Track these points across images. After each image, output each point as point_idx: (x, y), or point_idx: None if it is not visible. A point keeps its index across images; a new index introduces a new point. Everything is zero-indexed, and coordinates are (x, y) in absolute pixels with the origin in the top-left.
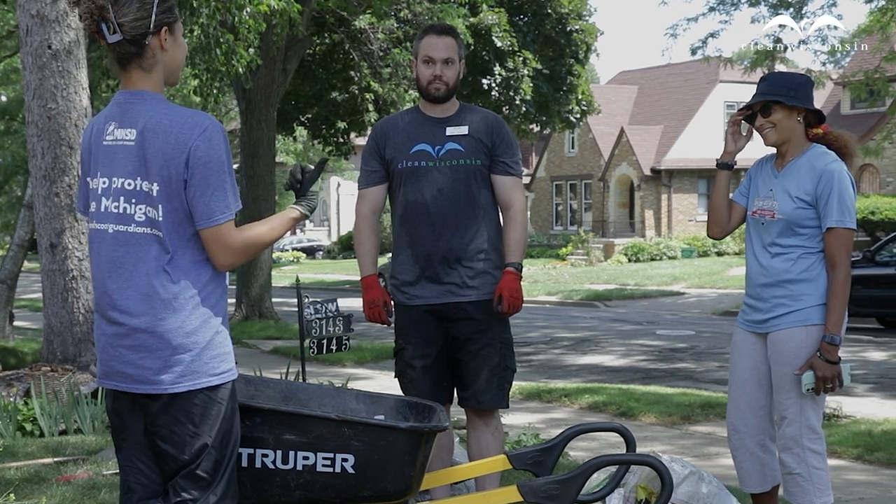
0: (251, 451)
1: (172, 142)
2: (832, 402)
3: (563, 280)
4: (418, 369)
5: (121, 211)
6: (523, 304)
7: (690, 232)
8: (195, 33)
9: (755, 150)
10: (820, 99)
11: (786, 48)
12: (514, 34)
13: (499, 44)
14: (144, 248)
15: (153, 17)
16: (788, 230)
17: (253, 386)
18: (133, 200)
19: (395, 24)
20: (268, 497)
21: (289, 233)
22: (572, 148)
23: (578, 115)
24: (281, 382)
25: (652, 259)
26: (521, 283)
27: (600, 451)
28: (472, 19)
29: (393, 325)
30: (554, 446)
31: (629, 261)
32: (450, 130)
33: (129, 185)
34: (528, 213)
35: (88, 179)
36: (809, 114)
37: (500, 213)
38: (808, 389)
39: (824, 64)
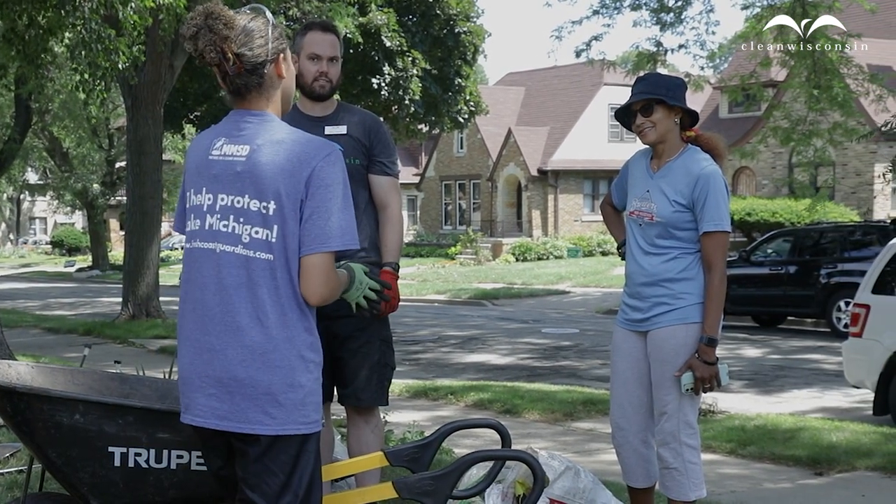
0: (124, 450)
1: (295, 160)
2: (708, 398)
3: (451, 279)
4: None
5: (228, 230)
6: (413, 302)
7: (576, 232)
8: (77, 28)
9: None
10: (699, 102)
11: (666, 52)
12: (403, 34)
13: (388, 44)
14: (253, 272)
15: (270, 44)
16: (666, 232)
17: (128, 385)
18: (241, 220)
19: (284, 22)
20: (141, 497)
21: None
22: (461, 148)
23: (467, 116)
24: (157, 381)
25: (539, 258)
26: (399, 282)
27: (484, 447)
28: (361, 19)
29: None
30: (430, 443)
31: (517, 260)
32: (328, 129)
33: (238, 202)
34: (418, 212)
35: (189, 194)
36: (685, 115)
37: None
38: (687, 390)
39: (702, 68)
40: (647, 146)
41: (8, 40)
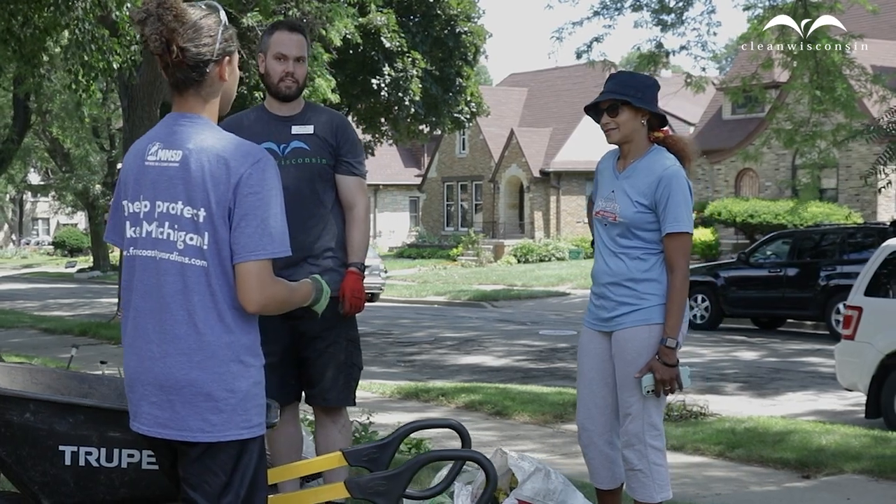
0: (74, 448)
1: (223, 167)
2: (700, 399)
3: (452, 280)
4: (265, 367)
5: (164, 237)
6: (412, 304)
7: (578, 233)
8: (71, 27)
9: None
10: (702, 104)
11: (668, 53)
12: (403, 35)
13: (388, 44)
14: (189, 279)
15: (217, 44)
16: (629, 232)
17: (87, 384)
18: (175, 226)
19: None
20: (92, 496)
21: None
22: (463, 149)
23: (468, 116)
24: (116, 380)
25: (541, 260)
26: (399, 283)
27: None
28: (361, 19)
29: None
30: (389, 443)
31: (518, 262)
32: (295, 129)
33: (173, 209)
34: (420, 213)
35: (125, 203)
36: (653, 117)
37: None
38: (647, 392)
39: (703, 69)
40: (616, 147)
41: (3, 40)
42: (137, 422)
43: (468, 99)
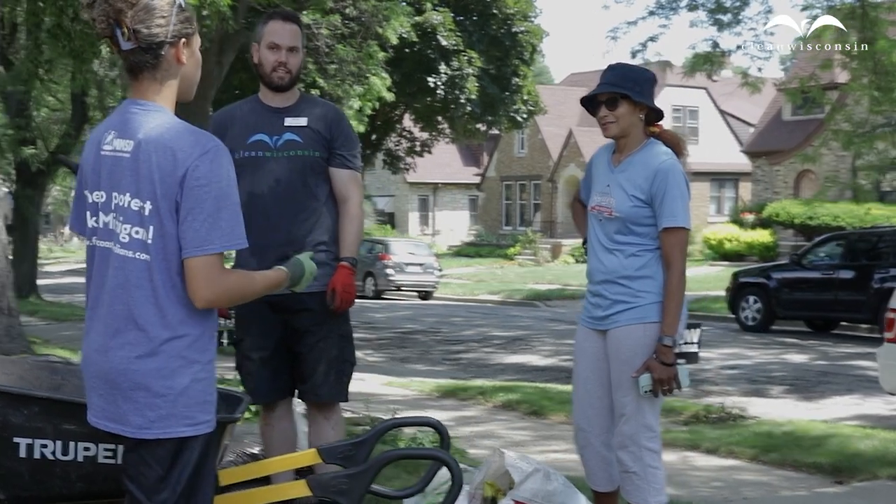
0: (29, 441)
1: (170, 157)
2: (740, 402)
3: (507, 279)
4: (256, 361)
5: (116, 229)
6: (465, 302)
7: None
8: None
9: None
10: (762, 104)
11: (724, 53)
12: (459, 34)
13: (444, 43)
14: (130, 273)
15: (171, 26)
16: (625, 227)
17: (59, 375)
18: (121, 218)
19: (342, 21)
20: (48, 489)
21: None
22: (522, 148)
23: (524, 115)
24: None
25: None
26: (455, 281)
27: (503, 448)
28: (417, 18)
29: (234, 317)
30: (365, 441)
31: (576, 261)
32: (288, 121)
33: (122, 201)
34: (479, 212)
35: (86, 193)
36: (650, 111)
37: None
38: (645, 392)
39: (759, 69)
40: (611, 141)
41: (54, 36)
42: (90, 412)
43: (525, 98)
